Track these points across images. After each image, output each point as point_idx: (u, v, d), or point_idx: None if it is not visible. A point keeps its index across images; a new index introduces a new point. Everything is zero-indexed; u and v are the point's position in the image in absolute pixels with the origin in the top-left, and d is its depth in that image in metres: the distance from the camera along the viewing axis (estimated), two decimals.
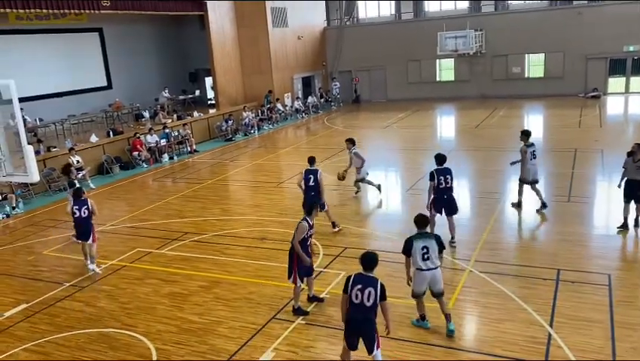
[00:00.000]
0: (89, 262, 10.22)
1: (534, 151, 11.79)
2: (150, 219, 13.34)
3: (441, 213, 10.37)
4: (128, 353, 7.42)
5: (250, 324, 7.89)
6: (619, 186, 10.36)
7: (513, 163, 12.23)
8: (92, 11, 20.10)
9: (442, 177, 10.09)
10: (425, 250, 7.09)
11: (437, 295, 7.26)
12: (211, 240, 11.59)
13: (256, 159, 19.95)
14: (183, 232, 12.12)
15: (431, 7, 33.52)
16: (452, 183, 10.17)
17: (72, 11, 19.81)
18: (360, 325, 6.01)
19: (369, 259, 6.09)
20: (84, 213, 10.02)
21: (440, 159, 10.28)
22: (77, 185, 11.69)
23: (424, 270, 7.12)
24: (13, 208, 14.72)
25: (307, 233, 7.90)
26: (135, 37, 27.95)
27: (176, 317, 8.30)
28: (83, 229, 10.08)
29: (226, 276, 9.66)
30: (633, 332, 7.05)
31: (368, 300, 5.90)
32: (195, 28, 29.74)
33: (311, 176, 11.06)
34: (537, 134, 22.47)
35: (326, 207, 11.28)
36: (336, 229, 11.37)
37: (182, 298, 8.94)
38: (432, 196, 10.26)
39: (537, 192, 11.85)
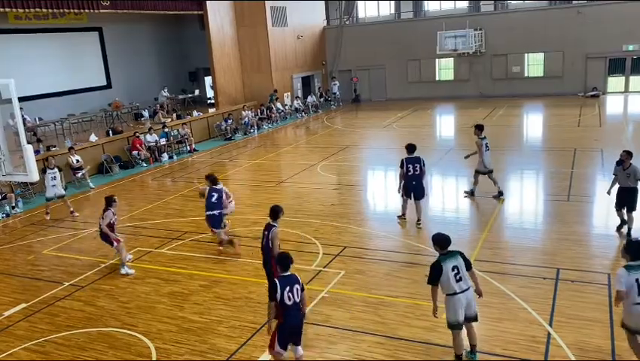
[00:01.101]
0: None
1: (487, 143, 12.67)
2: (150, 218, 13.33)
3: (410, 198, 11.41)
4: (128, 352, 7.42)
5: (250, 323, 7.90)
6: (608, 192, 10.26)
7: (467, 157, 13.18)
8: (91, 11, 20.09)
9: (410, 165, 11.12)
10: (456, 271, 6.35)
11: (471, 319, 6.56)
12: (211, 239, 11.57)
13: (255, 158, 19.95)
14: (183, 232, 12.12)
15: (430, 6, 33.54)
16: (421, 171, 11.15)
17: (72, 11, 19.81)
18: (299, 322, 6.32)
19: (285, 261, 6.32)
20: (101, 220, 10.13)
21: (410, 148, 11.32)
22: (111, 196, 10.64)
23: (458, 293, 6.34)
24: (13, 208, 14.71)
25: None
26: (135, 36, 27.97)
27: (176, 316, 8.30)
28: (101, 233, 10.17)
29: (226, 275, 9.66)
30: None
31: (298, 296, 6.21)
32: (194, 28, 29.76)
33: (214, 194, 10.52)
34: (536, 134, 22.55)
35: (226, 226, 10.96)
36: (221, 248, 10.72)
37: (182, 297, 8.95)
38: (402, 182, 11.25)
39: (494, 181, 12.79)
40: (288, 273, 6.27)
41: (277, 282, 6.17)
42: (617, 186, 10.14)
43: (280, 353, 6.33)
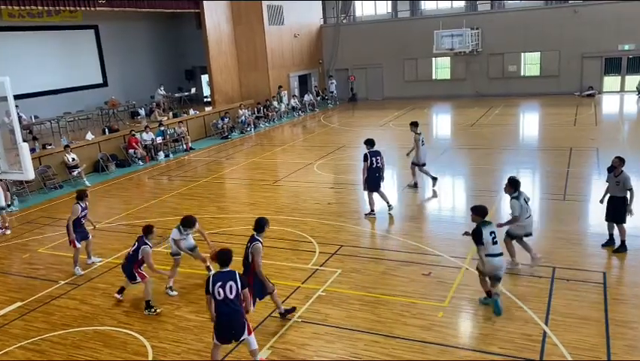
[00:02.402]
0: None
1: (422, 138, 13.74)
2: (146, 216, 13.31)
3: (376, 190, 11.93)
4: (124, 350, 7.41)
5: None
6: (601, 201, 9.73)
7: (408, 154, 14.17)
8: (87, 8, 20.03)
9: (374, 159, 11.70)
10: (493, 235, 7.54)
11: (497, 280, 7.67)
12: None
13: (252, 156, 19.93)
14: None
15: (427, 5, 33.52)
16: (381, 164, 11.77)
17: (67, 8, 19.74)
18: (229, 318, 6.34)
19: (224, 257, 6.45)
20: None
21: (371, 142, 11.95)
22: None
23: (496, 255, 7.54)
24: (9, 206, 14.64)
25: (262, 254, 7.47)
26: (131, 34, 27.87)
27: (172, 315, 8.29)
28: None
29: None
30: (628, 329, 7.09)
31: (231, 293, 6.26)
32: (191, 26, 29.68)
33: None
34: (532, 133, 22.60)
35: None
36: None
37: (179, 295, 8.93)
38: (365, 175, 11.75)
39: (427, 173, 13.94)
40: (227, 269, 6.39)
41: (210, 276, 6.39)
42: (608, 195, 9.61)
43: (216, 345, 6.57)
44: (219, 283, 6.26)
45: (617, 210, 9.43)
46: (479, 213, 7.73)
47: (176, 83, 30.50)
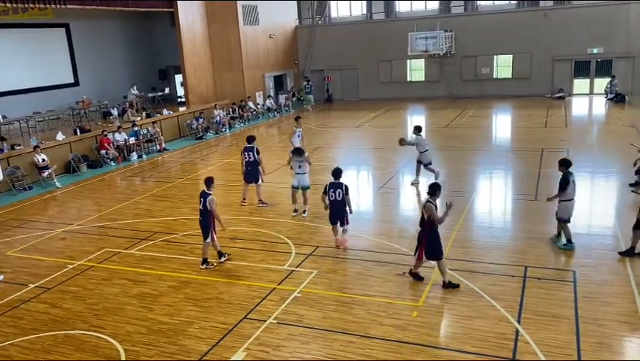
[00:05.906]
0: None
1: (300, 132, 15.80)
2: (119, 218, 13.10)
3: (251, 183, 13.44)
4: (95, 354, 7.27)
5: (221, 324, 7.83)
6: None
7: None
8: (57, 6, 19.63)
9: (246, 153, 13.30)
10: (574, 184, 9.59)
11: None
12: (180, 240, 11.45)
13: (227, 157, 19.79)
14: (152, 232, 11.94)
15: (401, 7, 33.80)
16: (254, 159, 13.24)
17: (37, 6, 19.31)
18: (336, 211, 10.20)
19: (336, 172, 10.23)
20: None
21: (249, 139, 13.52)
22: None
23: (573, 200, 9.65)
24: None
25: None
26: (104, 33, 27.47)
27: (145, 318, 8.17)
28: None
29: (196, 276, 9.56)
30: (597, 327, 7.24)
31: (339, 196, 10.07)
32: (165, 25, 29.39)
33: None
34: (505, 134, 22.96)
35: None
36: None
37: (152, 298, 8.81)
38: (243, 169, 13.45)
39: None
40: (338, 181, 10.13)
41: (327, 184, 10.16)
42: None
43: (333, 227, 10.43)
44: (332, 189, 10.07)
45: None
46: (565, 165, 9.62)
47: (150, 82, 30.15)
